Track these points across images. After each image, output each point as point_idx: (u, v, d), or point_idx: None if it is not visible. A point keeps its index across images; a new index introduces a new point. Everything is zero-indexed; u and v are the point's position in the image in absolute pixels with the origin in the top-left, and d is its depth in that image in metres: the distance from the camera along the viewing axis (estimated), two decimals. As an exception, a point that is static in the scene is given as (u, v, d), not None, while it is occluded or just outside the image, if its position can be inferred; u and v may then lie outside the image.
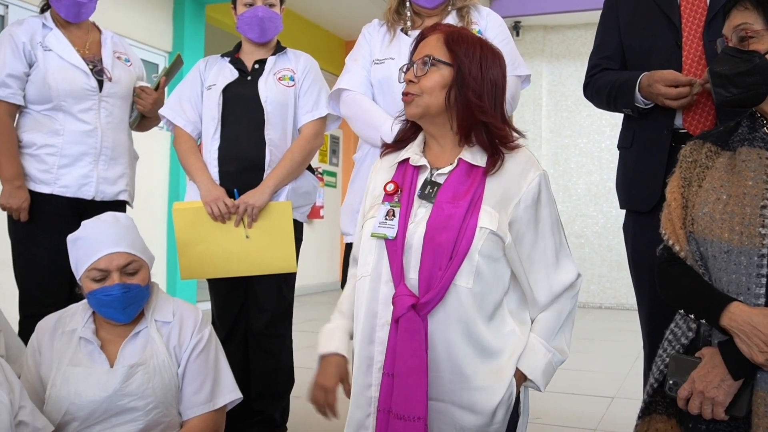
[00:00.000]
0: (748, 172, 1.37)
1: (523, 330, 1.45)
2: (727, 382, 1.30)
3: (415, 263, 1.39)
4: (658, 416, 1.43)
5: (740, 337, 1.30)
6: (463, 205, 1.38)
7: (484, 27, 2.12)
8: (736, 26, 1.41)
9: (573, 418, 3.04)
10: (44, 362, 1.74)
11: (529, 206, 1.42)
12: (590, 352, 4.60)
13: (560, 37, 7.42)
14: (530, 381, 1.43)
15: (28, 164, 2.32)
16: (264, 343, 2.41)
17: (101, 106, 2.39)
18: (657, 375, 1.43)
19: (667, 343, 1.44)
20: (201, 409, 1.77)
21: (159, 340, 1.76)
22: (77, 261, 1.75)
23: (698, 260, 1.41)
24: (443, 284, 1.35)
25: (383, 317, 1.41)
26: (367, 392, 1.42)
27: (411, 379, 1.32)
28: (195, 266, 2.35)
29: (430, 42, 1.47)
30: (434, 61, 1.44)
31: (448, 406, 1.38)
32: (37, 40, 2.34)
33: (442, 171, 1.45)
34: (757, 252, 1.31)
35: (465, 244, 1.35)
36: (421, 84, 1.44)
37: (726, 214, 1.36)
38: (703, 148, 1.48)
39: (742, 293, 1.33)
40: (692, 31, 1.84)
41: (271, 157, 2.35)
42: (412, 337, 1.33)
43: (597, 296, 7.07)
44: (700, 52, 1.82)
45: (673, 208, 1.46)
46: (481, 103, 1.43)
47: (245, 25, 2.41)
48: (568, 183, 7.39)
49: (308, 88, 2.43)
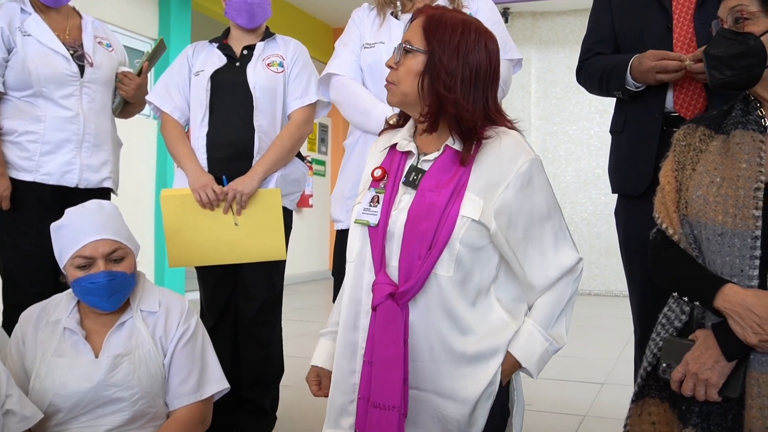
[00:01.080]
0: (741, 155, 1.38)
1: (514, 316, 1.42)
2: (720, 363, 1.31)
3: (397, 251, 1.37)
4: (651, 399, 1.44)
5: (734, 318, 1.31)
6: (446, 193, 1.36)
7: (475, 11, 2.10)
8: (732, 8, 1.41)
9: (563, 405, 3.05)
10: (28, 353, 1.72)
11: (519, 191, 1.38)
12: (580, 338, 4.62)
13: (549, 24, 7.40)
14: (524, 368, 1.41)
15: (10, 152, 2.28)
16: (253, 331, 2.40)
17: (83, 92, 2.35)
18: (650, 358, 1.44)
19: (660, 326, 1.45)
20: (188, 399, 1.75)
21: (144, 330, 1.74)
22: (61, 249, 1.72)
23: (692, 243, 1.42)
24: (422, 273, 1.33)
25: (366, 304, 1.40)
26: (351, 378, 1.41)
27: (387, 367, 1.32)
28: (183, 254, 2.32)
29: (412, 27, 1.44)
30: (409, 48, 1.41)
31: (430, 395, 1.37)
32: (16, 25, 2.29)
33: (428, 158, 1.43)
34: (751, 234, 1.32)
35: (445, 233, 1.33)
36: (398, 72, 1.42)
37: (720, 196, 1.37)
38: (696, 132, 1.48)
39: (735, 275, 1.33)
40: (683, 14, 1.85)
41: (260, 144, 2.33)
42: (389, 326, 1.32)
43: (586, 283, 7.10)
44: (691, 34, 1.83)
45: (667, 192, 1.47)
46: (451, 94, 1.37)
47: (234, 10, 2.37)
48: (557, 170, 7.40)
49: (297, 74, 2.40)
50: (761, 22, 1.38)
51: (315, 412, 2.84)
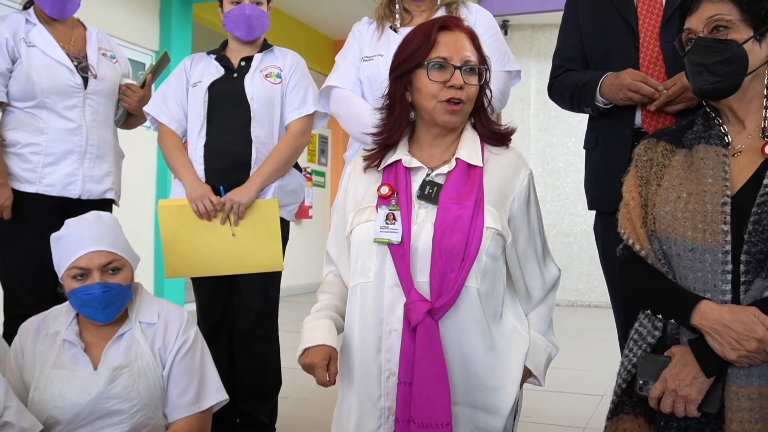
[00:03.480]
0: (707, 170, 1.38)
1: (522, 325, 1.46)
2: (699, 379, 1.31)
3: (422, 266, 1.36)
4: (625, 416, 1.43)
5: (711, 335, 1.30)
6: (469, 205, 1.37)
7: (473, 23, 2.12)
8: (709, 17, 1.41)
9: (562, 417, 3.04)
10: (27, 365, 1.72)
11: (522, 204, 1.44)
12: (579, 350, 4.61)
13: (548, 36, 7.43)
14: (533, 377, 1.45)
15: (12, 163, 2.29)
16: (250, 344, 2.39)
17: (86, 104, 2.36)
18: (624, 375, 1.43)
19: (632, 342, 1.44)
20: (187, 411, 1.75)
21: (143, 342, 1.74)
22: (59, 259, 1.72)
23: (661, 259, 1.41)
24: (457, 287, 1.33)
25: (389, 324, 1.38)
26: (378, 403, 1.39)
27: (434, 386, 1.30)
28: (180, 264, 2.32)
29: (465, 43, 1.44)
30: (484, 70, 1.45)
31: (464, 408, 1.37)
32: (20, 36, 2.31)
33: (441, 171, 1.43)
34: (721, 249, 1.32)
35: (475, 244, 1.34)
36: (468, 91, 1.42)
37: (688, 212, 1.36)
38: (657, 147, 1.48)
39: (708, 290, 1.33)
40: (648, 32, 1.84)
41: (258, 155, 2.33)
42: (431, 344, 1.31)
43: (586, 295, 7.09)
44: (657, 52, 1.83)
45: (632, 207, 1.45)
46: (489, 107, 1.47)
47: (232, 23, 2.39)
48: (557, 182, 7.41)
49: (295, 85, 2.41)
50: (742, 31, 1.39)
51: (314, 424, 2.83)
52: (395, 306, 1.36)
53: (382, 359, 1.38)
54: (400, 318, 1.36)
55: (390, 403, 1.36)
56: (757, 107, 1.42)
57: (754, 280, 1.30)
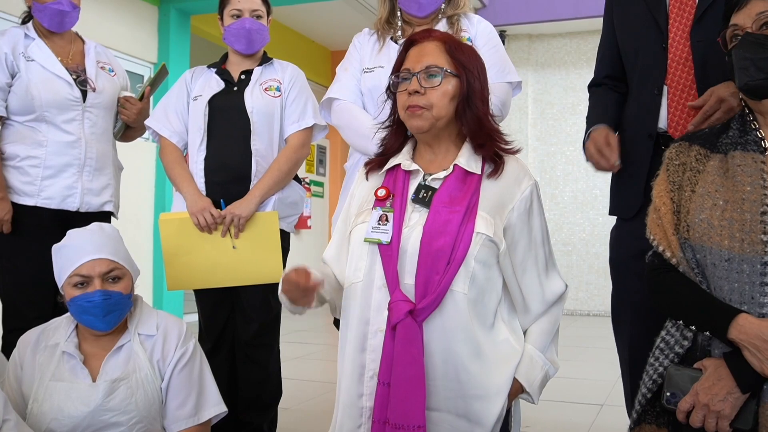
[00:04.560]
0: (744, 177, 1.33)
1: (516, 339, 1.44)
2: (734, 395, 1.26)
3: (410, 268, 1.37)
4: (647, 426, 1.39)
5: (750, 350, 1.25)
6: (460, 210, 1.37)
7: (474, 34, 2.13)
8: (759, 13, 1.36)
9: (562, 426, 3.03)
10: (26, 377, 1.72)
11: (522, 214, 1.43)
12: (579, 359, 4.60)
13: (545, 46, 7.47)
14: (526, 393, 1.42)
15: (12, 176, 2.30)
16: (251, 353, 2.40)
17: (85, 117, 2.37)
18: (650, 385, 1.39)
19: (658, 351, 1.40)
20: (185, 423, 1.75)
21: (142, 354, 1.74)
22: (61, 268, 1.73)
23: (694, 268, 1.37)
24: (441, 289, 1.33)
25: (375, 324, 1.39)
26: (359, 402, 1.39)
27: (409, 387, 1.30)
28: (182, 277, 2.33)
29: (430, 50, 1.45)
30: (445, 73, 1.42)
31: (444, 415, 1.36)
32: (20, 51, 2.32)
33: (437, 176, 1.44)
34: (760, 260, 1.27)
35: (462, 249, 1.34)
36: (430, 96, 1.42)
37: (725, 220, 1.31)
38: (691, 151, 1.43)
39: (745, 302, 1.28)
40: (679, 32, 1.81)
41: (258, 168, 2.34)
42: (410, 344, 1.31)
43: (585, 303, 7.09)
44: (687, 53, 1.79)
45: (663, 213, 1.41)
46: (487, 116, 1.45)
47: (232, 36, 2.40)
48: (555, 191, 7.43)
49: (294, 98, 2.43)
50: None
51: (313, 434, 2.83)
52: (382, 306, 1.37)
53: (367, 359, 1.39)
54: (386, 318, 1.36)
55: (371, 403, 1.36)
56: None
57: None
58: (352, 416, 1.40)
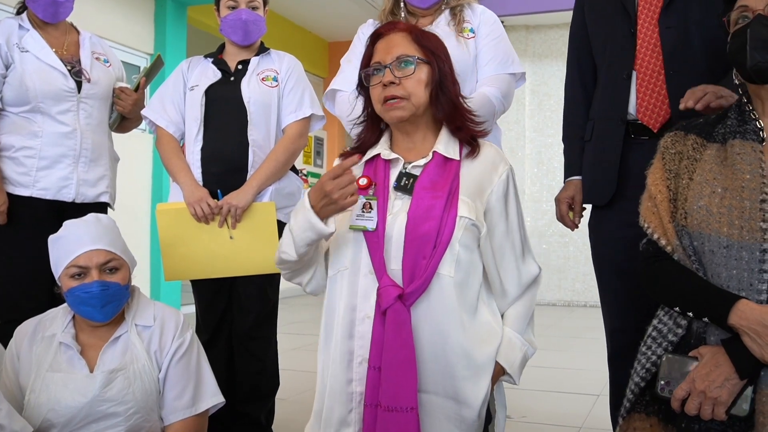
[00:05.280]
0: (744, 165, 1.33)
1: (496, 321, 1.47)
2: (732, 381, 1.26)
3: (396, 254, 1.39)
4: (636, 414, 1.39)
5: (750, 336, 1.25)
6: (442, 195, 1.39)
7: (477, 25, 2.13)
8: None
9: (558, 416, 3.05)
10: (23, 368, 1.72)
11: (501, 198, 1.46)
12: (575, 349, 4.62)
13: (543, 37, 7.46)
14: (507, 375, 1.45)
15: (6, 167, 2.29)
16: (249, 345, 2.40)
17: (80, 108, 2.36)
18: (643, 374, 1.39)
19: (651, 340, 1.40)
20: (183, 413, 1.75)
21: (139, 345, 1.74)
22: (57, 259, 1.73)
23: (691, 255, 1.37)
24: (428, 273, 1.36)
25: (363, 311, 1.40)
26: (348, 387, 1.41)
27: (402, 370, 1.32)
28: (179, 267, 2.33)
29: (398, 41, 1.47)
30: (417, 61, 1.44)
31: (433, 397, 1.39)
32: (14, 42, 2.31)
33: (417, 163, 1.47)
34: (759, 247, 1.27)
35: (447, 233, 1.37)
36: (406, 85, 1.43)
37: (724, 207, 1.32)
38: (687, 140, 1.44)
39: (743, 289, 1.29)
40: (647, 17, 1.81)
41: (255, 158, 2.34)
42: (400, 328, 1.34)
43: (582, 294, 7.10)
44: (655, 39, 1.79)
45: (659, 201, 1.41)
46: (459, 99, 1.47)
47: (229, 28, 2.40)
48: (552, 182, 7.43)
49: (292, 88, 2.42)
50: None
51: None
52: (369, 293, 1.39)
53: (355, 345, 1.41)
54: (373, 305, 1.38)
55: (362, 388, 1.39)
56: None
57: None
58: (342, 401, 1.42)
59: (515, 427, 2.89)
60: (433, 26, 2.12)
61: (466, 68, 2.05)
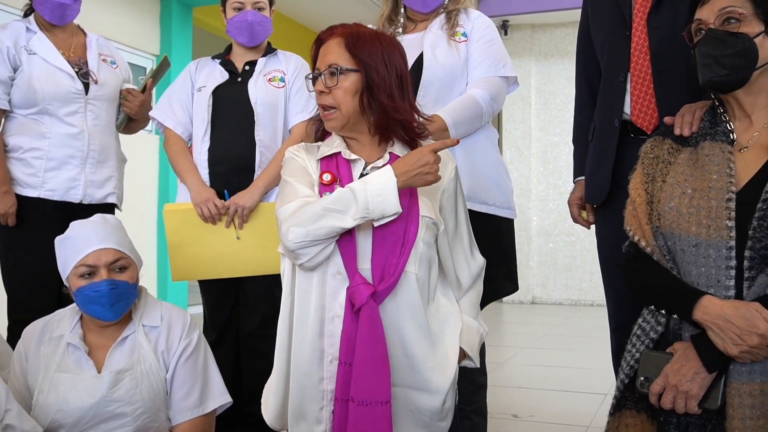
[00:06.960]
0: (711, 166, 1.39)
1: (455, 310, 1.53)
2: (701, 375, 1.31)
3: (365, 253, 1.41)
4: (627, 411, 1.43)
5: (713, 330, 1.31)
6: (404, 195, 1.42)
7: (470, 29, 2.14)
8: (722, 9, 1.41)
9: (566, 415, 3.04)
10: (31, 369, 1.73)
11: (451, 195, 1.52)
12: (583, 349, 4.61)
13: (548, 36, 7.44)
14: (468, 359, 1.51)
15: (15, 168, 2.30)
16: (255, 344, 2.40)
17: (87, 109, 2.37)
18: (627, 371, 1.44)
19: (635, 338, 1.45)
20: (190, 414, 1.76)
21: (147, 345, 1.75)
22: (65, 259, 1.74)
23: (666, 255, 1.42)
24: (398, 271, 1.39)
25: (332, 310, 1.42)
26: (320, 385, 1.43)
27: (376, 365, 1.35)
28: (186, 268, 2.33)
29: (331, 48, 1.48)
30: (342, 71, 1.45)
31: (403, 390, 1.42)
32: (21, 44, 2.32)
33: (376, 165, 1.48)
34: (725, 245, 1.32)
35: (413, 232, 1.41)
36: (335, 95, 1.46)
37: (692, 207, 1.38)
38: (664, 145, 1.50)
39: (712, 286, 1.34)
40: (641, 20, 1.83)
41: (261, 158, 2.35)
42: (374, 325, 1.36)
43: (589, 293, 7.08)
44: (644, 40, 1.81)
45: (638, 204, 1.47)
46: (394, 103, 1.46)
47: (235, 29, 2.40)
48: (558, 181, 7.41)
49: (299, 88, 2.42)
50: (754, 24, 1.39)
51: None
52: (338, 293, 1.41)
53: (325, 344, 1.43)
54: (342, 304, 1.41)
55: (333, 386, 1.41)
56: (764, 103, 1.43)
57: (758, 276, 1.31)
58: (314, 398, 1.44)
59: (523, 426, 2.89)
60: (426, 29, 2.13)
61: (455, 71, 2.08)
